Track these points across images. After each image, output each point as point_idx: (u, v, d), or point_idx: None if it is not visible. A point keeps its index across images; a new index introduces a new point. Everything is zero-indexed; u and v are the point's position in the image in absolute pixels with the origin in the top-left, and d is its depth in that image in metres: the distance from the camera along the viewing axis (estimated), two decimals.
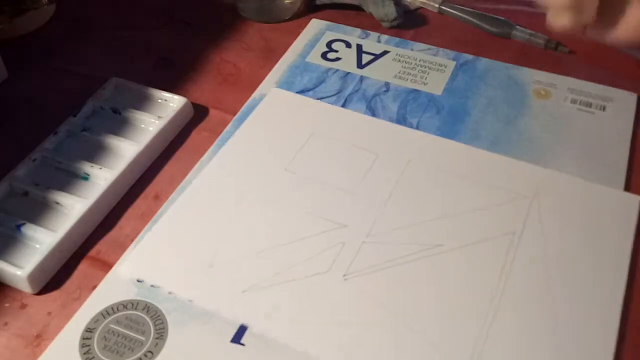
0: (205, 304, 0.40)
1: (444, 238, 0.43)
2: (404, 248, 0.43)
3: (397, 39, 0.59)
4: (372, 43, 0.59)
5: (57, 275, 0.42)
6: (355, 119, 0.51)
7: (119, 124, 0.51)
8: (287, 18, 0.62)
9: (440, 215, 0.44)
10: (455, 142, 0.49)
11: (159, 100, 0.53)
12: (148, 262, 0.42)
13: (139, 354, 0.38)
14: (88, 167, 0.47)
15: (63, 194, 0.45)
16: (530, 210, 0.45)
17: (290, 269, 0.42)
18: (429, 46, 0.58)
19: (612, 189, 0.46)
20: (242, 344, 0.38)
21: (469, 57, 0.57)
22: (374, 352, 0.38)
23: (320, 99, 0.53)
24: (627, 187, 0.46)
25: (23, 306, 0.41)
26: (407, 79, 0.55)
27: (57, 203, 0.45)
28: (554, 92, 0.53)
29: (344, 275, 0.41)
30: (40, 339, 0.39)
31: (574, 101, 0.53)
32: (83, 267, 0.43)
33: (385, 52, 0.58)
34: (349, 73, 0.56)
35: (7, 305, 0.41)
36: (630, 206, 0.45)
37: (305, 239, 0.43)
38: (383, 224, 0.44)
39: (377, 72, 0.56)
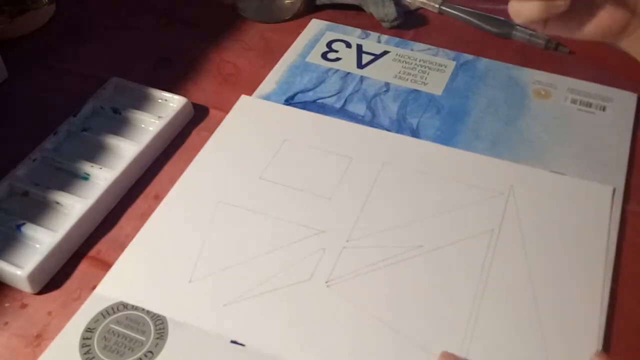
0: (187, 320, 0.39)
1: (424, 239, 0.43)
2: (385, 251, 0.42)
3: (397, 39, 0.59)
4: (372, 43, 0.59)
5: (57, 275, 0.42)
6: (327, 124, 0.51)
7: (119, 124, 0.51)
8: (287, 18, 0.62)
9: (419, 216, 0.44)
10: (428, 143, 0.49)
11: (159, 100, 0.53)
12: (127, 283, 0.41)
13: (139, 354, 0.38)
14: (88, 167, 0.47)
15: (63, 194, 0.45)
16: (507, 206, 0.45)
17: (272, 279, 0.41)
18: (429, 46, 0.58)
19: (585, 180, 0.46)
20: (242, 344, 0.38)
21: (469, 57, 0.57)
22: (362, 357, 0.38)
23: (321, 99, 0.53)
24: (627, 187, 0.46)
25: (23, 306, 0.41)
26: (407, 79, 0.55)
27: (57, 203, 0.45)
28: (554, 92, 0.53)
29: (327, 282, 0.41)
30: (40, 339, 0.39)
31: (574, 101, 0.53)
32: (83, 267, 0.43)
33: (385, 52, 0.58)
34: (349, 73, 0.56)
35: (7, 305, 0.41)
36: (603, 196, 0.45)
37: (285, 247, 0.43)
38: (362, 228, 0.44)
39: (377, 72, 0.56)
